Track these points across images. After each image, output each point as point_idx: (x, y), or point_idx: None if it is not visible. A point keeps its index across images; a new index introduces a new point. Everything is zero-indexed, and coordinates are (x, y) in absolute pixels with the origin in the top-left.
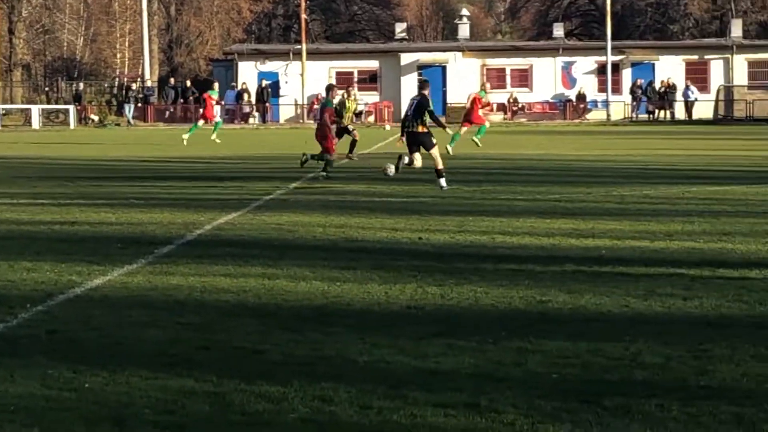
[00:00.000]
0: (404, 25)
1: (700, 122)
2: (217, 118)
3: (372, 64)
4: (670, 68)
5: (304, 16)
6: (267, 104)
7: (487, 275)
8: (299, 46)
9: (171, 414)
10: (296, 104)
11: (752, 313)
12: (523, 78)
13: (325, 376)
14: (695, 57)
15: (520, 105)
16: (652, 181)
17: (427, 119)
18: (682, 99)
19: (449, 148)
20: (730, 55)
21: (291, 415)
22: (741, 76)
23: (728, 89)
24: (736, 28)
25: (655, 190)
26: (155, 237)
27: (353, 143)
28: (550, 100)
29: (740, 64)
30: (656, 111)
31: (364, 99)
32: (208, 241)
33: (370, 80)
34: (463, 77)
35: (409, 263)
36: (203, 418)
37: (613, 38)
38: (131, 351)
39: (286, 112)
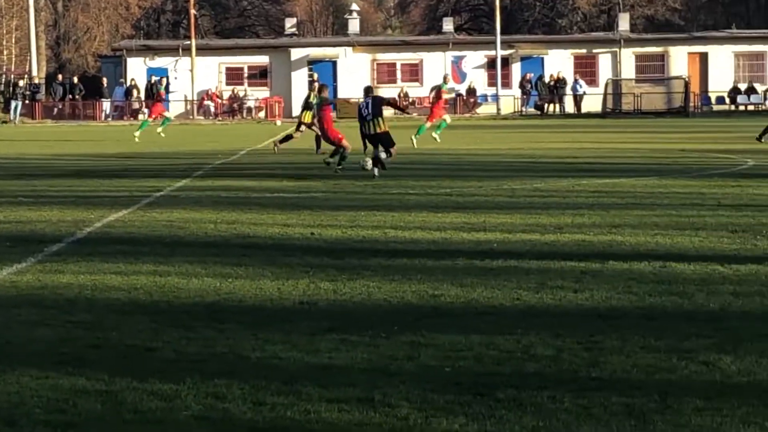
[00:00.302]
0: (294, 21)
1: (589, 115)
2: (146, 118)
3: (262, 60)
4: (558, 62)
5: (193, 11)
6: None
7: (379, 270)
8: (188, 42)
9: (63, 413)
10: (186, 100)
11: (642, 305)
12: (414, 73)
13: (218, 373)
14: (583, 51)
15: (410, 99)
16: (543, 174)
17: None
18: (571, 93)
19: (437, 137)
20: (617, 49)
21: (184, 412)
22: (628, 69)
23: (616, 83)
24: (624, 22)
25: (546, 184)
26: (44, 235)
27: (288, 137)
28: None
29: (628, 57)
30: (546, 105)
31: (254, 94)
32: (99, 239)
33: (260, 76)
34: (354, 72)
35: (302, 259)
36: (95, 417)
37: (503, 32)
38: (21, 350)
39: (175, 108)
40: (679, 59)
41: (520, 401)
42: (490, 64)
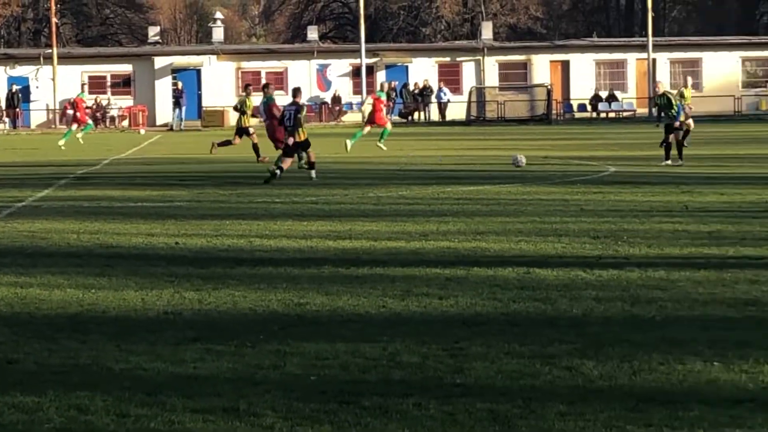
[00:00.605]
0: (157, 29)
1: (454, 123)
2: (89, 121)
3: (125, 68)
4: (423, 70)
5: (54, 19)
6: (17, 110)
7: (244, 279)
8: (50, 51)
9: None
10: (48, 109)
11: (506, 311)
12: (279, 81)
13: (81, 385)
14: (447, 59)
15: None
16: (408, 182)
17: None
18: (436, 100)
19: (348, 144)
20: (481, 57)
21: (46, 425)
22: (492, 77)
23: (480, 90)
24: (487, 31)
25: (411, 191)
26: None
27: (256, 148)
28: (306, 103)
29: (491, 65)
30: (412, 113)
31: (117, 103)
32: None
33: (123, 84)
34: (219, 81)
35: (166, 269)
36: None
37: (367, 41)
38: None
39: (37, 117)
40: (542, 67)
41: (386, 408)
42: (355, 72)
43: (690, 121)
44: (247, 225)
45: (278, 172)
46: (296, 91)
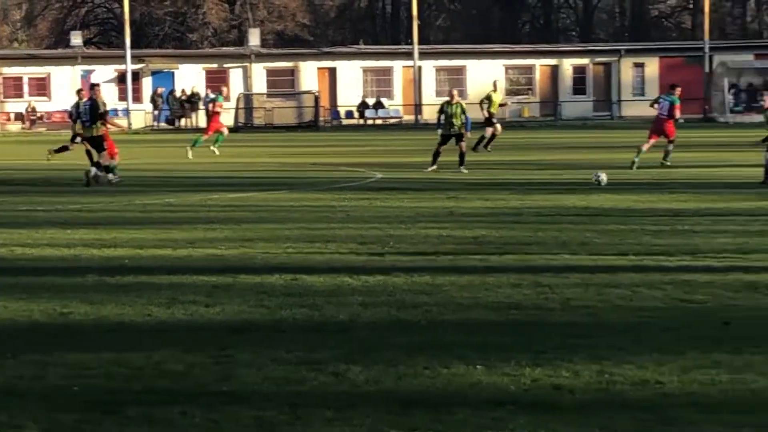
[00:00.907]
0: None
1: None
2: None
3: None
4: (191, 76)
5: None
6: None
7: (5, 289)
8: None
9: None
10: None
11: (273, 318)
12: (41, 87)
13: None
14: (215, 65)
15: (38, 114)
16: (175, 189)
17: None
18: (204, 107)
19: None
20: (248, 64)
21: None
22: (260, 84)
23: (248, 97)
24: (254, 38)
25: (178, 198)
26: None
27: (65, 148)
28: (70, 109)
29: (259, 72)
30: (178, 119)
31: None
32: None
33: None
34: None
35: None
36: None
37: (133, 47)
38: None
39: None
40: (309, 74)
41: (151, 417)
42: (121, 79)
43: (498, 126)
44: (8, 234)
45: (93, 168)
46: (92, 87)
